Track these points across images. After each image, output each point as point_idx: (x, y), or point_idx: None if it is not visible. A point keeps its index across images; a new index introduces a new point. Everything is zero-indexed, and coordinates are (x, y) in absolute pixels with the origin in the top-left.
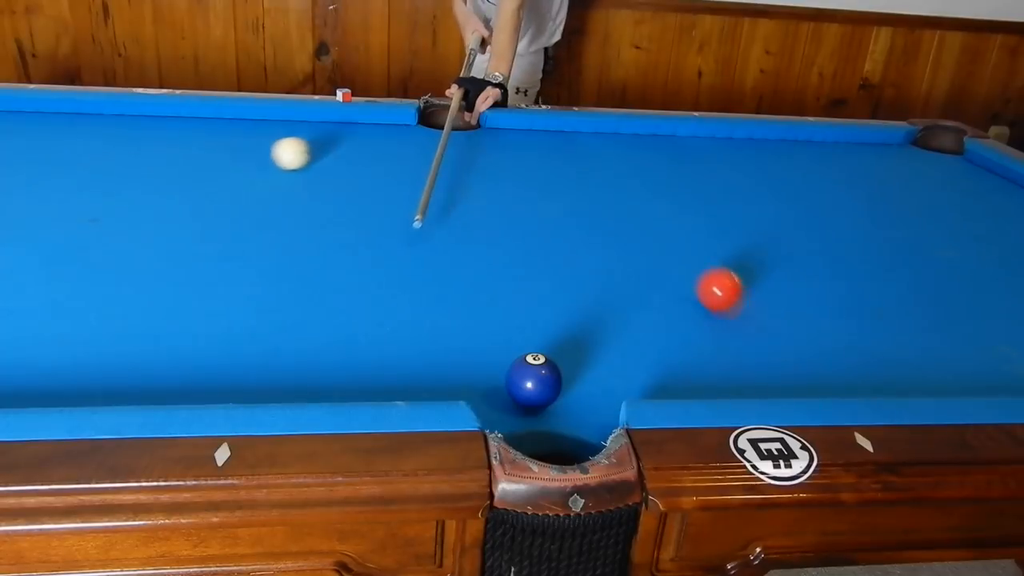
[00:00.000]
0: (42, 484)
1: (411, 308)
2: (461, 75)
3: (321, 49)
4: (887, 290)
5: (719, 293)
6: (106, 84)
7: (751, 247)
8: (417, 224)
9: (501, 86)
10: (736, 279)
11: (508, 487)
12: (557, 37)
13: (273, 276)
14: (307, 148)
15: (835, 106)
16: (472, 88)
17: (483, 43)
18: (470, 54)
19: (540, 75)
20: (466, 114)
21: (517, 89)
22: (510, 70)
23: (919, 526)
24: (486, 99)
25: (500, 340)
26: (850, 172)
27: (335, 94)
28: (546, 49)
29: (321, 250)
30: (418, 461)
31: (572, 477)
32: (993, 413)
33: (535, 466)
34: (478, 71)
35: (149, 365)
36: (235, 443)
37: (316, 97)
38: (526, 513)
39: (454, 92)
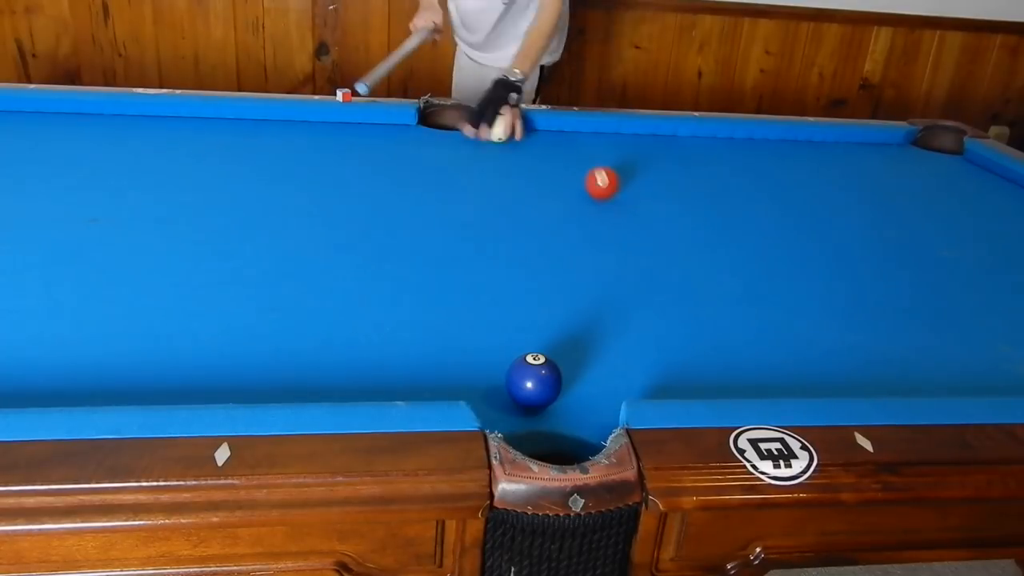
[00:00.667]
0: (42, 484)
1: (411, 308)
2: (392, 52)
3: (321, 49)
4: (887, 290)
5: (602, 184)
6: (106, 84)
7: (751, 247)
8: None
9: (519, 86)
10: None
11: (508, 487)
12: (555, 57)
13: (273, 276)
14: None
15: (835, 106)
16: (486, 112)
17: (435, 30)
18: (418, 35)
19: (535, 93)
20: (517, 128)
21: None
22: (531, 72)
23: (919, 526)
24: (517, 118)
25: (500, 340)
26: (850, 172)
27: (335, 94)
28: (542, 68)
29: (320, 250)
30: (418, 461)
31: (572, 477)
32: (993, 413)
33: (535, 466)
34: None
35: (149, 365)
36: (235, 443)
37: (316, 97)
38: (526, 513)
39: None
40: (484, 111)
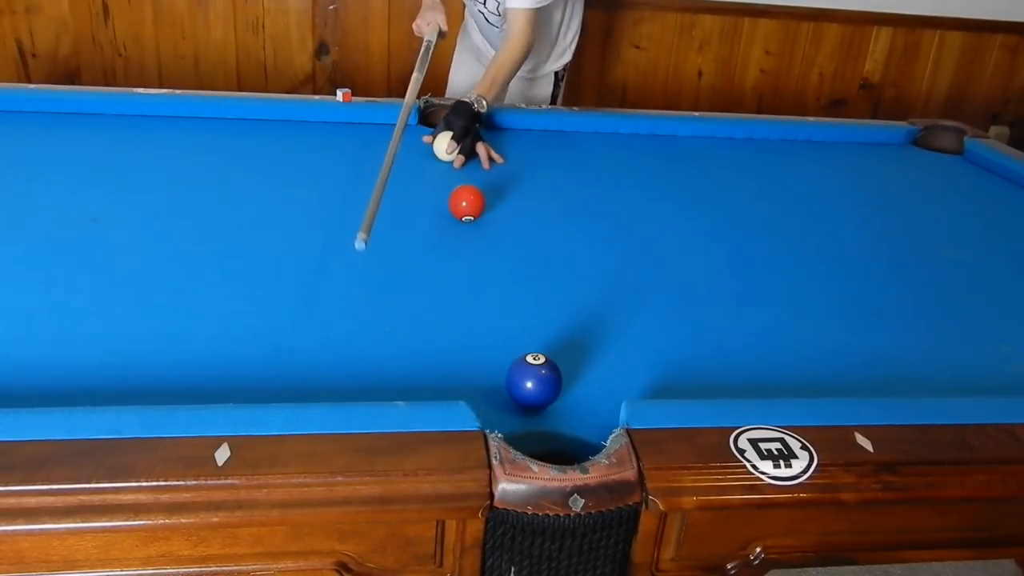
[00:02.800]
0: (42, 484)
1: (411, 308)
2: (417, 67)
3: (321, 49)
4: (887, 290)
5: (465, 205)
6: (106, 84)
7: (751, 247)
8: (360, 245)
9: (479, 115)
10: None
11: (508, 487)
12: (568, 58)
13: (273, 276)
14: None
15: (835, 106)
16: (459, 124)
17: (440, 34)
18: (426, 46)
19: (549, 100)
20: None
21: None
22: (494, 101)
23: (919, 526)
24: (487, 151)
25: (500, 340)
26: (850, 172)
27: (335, 94)
28: (556, 73)
29: (321, 250)
30: (418, 461)
31: (572, 477)
32: (993, 413)
33: (535, 466)
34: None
35: (149, 365)
36: (235, 443)
37: (316, 97)
38: (526, 513)
39: (438, 138)
40: (454, 128)
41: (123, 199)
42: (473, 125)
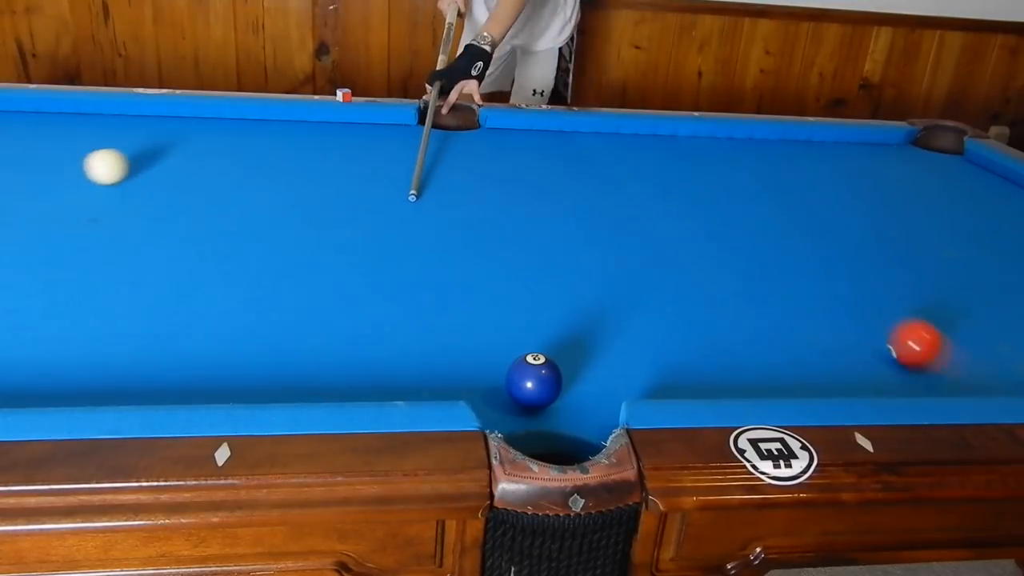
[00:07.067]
0: (42, 484)
1: (411, 308)
2: (441, 49)
3: (321, 49)
4: (887, 290)
5: (917, 348)
6: (106, 84)
7: (751, 247)
8: (412, 198)
9: (486, 53)
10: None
11: (508, 487)
12: (567, 33)
13: (273, 276)
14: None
15: (835, 106)
16: (448, 79)
17: (460, 15)
18: (448, 29)
19: (554, 74)
20: (441, 106)
21: (534, 91)
22: (502, 37)
23: (919, 526)
24: (459, 91)
25: (500, 340)
26: (850, 172)
27: (335, 94)
28: (560, 50)
29: (321, 250)
30: (418, 461)
31: (572, 477)
32: (993, 413)
33: (535, 466)
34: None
35: (149, 365)
36: (235, 443)
37: (316, 97)
38: (526, 513)
39: (431, 89)
40: (445, 76)
41: (123, 199)
42: (470, 66)
